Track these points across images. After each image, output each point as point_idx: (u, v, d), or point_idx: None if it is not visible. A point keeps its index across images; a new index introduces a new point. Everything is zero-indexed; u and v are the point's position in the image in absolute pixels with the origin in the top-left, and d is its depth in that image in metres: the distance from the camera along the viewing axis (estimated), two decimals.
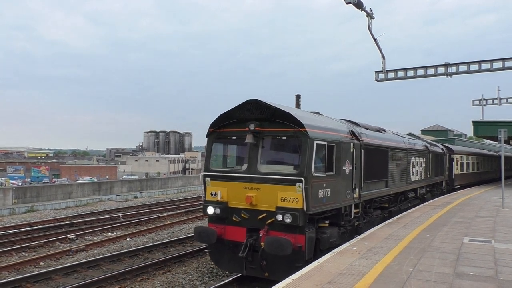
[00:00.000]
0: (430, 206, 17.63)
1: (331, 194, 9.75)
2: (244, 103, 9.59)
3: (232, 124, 9.88)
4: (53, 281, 10.55)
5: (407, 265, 7.70)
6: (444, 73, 22.84)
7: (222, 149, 10.39)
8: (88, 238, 16.25)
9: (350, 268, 7.50)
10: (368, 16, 18.97)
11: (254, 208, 9.40)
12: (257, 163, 9.45)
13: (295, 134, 9.09)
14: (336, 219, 10.46)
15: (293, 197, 8.92)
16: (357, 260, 8.08)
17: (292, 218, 8.75)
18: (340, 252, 8.83)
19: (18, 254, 13.43)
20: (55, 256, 13.02)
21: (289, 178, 8.94)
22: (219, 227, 9.83)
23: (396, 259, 8.09)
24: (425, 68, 23.42)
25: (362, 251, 8.83)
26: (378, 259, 8.09)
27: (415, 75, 23.45)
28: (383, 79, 23.66)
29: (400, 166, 15.63)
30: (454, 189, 26.88)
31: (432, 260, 8.11)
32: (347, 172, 10.65)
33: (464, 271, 7.41)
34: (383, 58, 22.28)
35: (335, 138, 10.07)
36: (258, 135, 9.45)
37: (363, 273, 7.11)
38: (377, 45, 20.72)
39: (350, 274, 7.10)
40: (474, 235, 11.03)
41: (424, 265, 7.75)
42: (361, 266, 7.57)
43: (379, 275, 6.99)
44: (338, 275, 7.00)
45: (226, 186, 9.78)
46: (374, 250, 8.96)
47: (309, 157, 8.94)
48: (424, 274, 7.12)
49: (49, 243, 15.01)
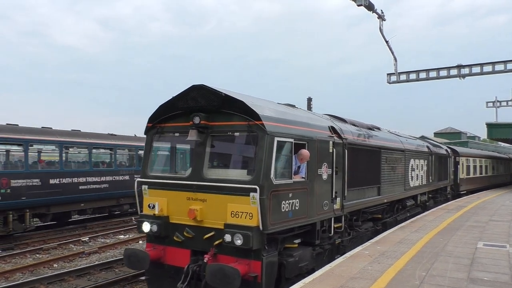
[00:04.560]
0: (444, 209, 17.34)
1: (300, 206, 7.61)
2: (187, 89, 7.48)
3: (175, 117, 7.77)
4: (67, 282, 10.53)
5: (420, 269, 7.56)
6: (457, 74, 22.13)
7: (164, 149, 8.27)
8: (101, 241, 16.05)
9: (362, 272, 7.37)
10: (380, 18, 18.54)
11: (199, 224, 7.28)
12: (203, 167, 7.33)
13: (249, 129, 6.97)
14: (309, 237, 8.31)
15: (246, 211, 6.80)
16: (369, 264, 7.93)
17: (243, 240, 6.62)
18: (352, 256, 8.61)
19: (33, 256, 13.48)
20: (68, 258, 13.03)
21: (240, 187, 6.81)
22: (158, 248, 7.72)
23: (409, 264, 7.95)
24: (438, 70, 22.72)
25: (375, 255, 8.66)
26: (391, 263, 7.94)
27: (427, 77, 22.83)
28: (395, 81, 23.00)
29: (396, 169, 13.44)
30: (459, 194, 24.63)
31: (446, 265, 7.92)
32: (325, 177, 8.50)
33: (479, 276, 7.25)
34: (395, 60, 21.72)
35: (306, 135, 7.94)
36: (204, 131, 7.34)
37: (376, 278, 7.00)
38: (389, 47, 20.21)
39: (362, 278, 6.99)
40: (488, 239, 10.69)
41: (438, 269, 7.60)
42: (374, 270, 7.45)
43: (391, 280, 6.89)
44: (350, 279, 6.90)
45: (166, 196, 7.66)
46: (386, 254, 8.77)
47: (268, 158, 6.81)
48: (438, 279, 6.99)
49: (63, 245, 14.97)
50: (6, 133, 14.86)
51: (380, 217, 12.63)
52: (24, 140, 15.16)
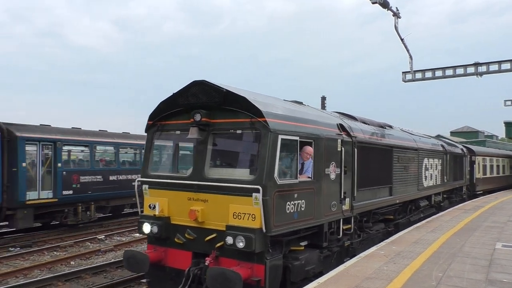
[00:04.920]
0: (460, 210, 17.03)
1: (306, 207, 7.27)
2: (188, 85, 7.20)
3: (176, 114, 7.50)
4: (83, 280, 10.58)
5: (436, 270, 7.42)
6: (474, 72, 21.46)
7: (165, 148, 8.00)
8: (117, 239, 16.16)
9: (377, 272, 7.27)
10: (395, 15, 17.96)
11: (201, 226, 7.00)
12: (204, 166, 7.04)
13: (252, 126, 6.65)
14: (316, 240, 7.97)
15: (248, 213, 6.49)
16: (385, 264, 7.81)
17: (245, 242, 6.31)
18: (367, 256, 8.49)
19: (50, 253, 13.64)
20: (85, 255, 13.14)
21: (242, 187, 6.50)
22: (159, 250, 7.46)
23: (425, 264, 7.80)
24: (454, 68, 22.07)
25: (390, 255, 8.53)
26: (407, 264, 7.82)
27: (443, 75, 22.21)
28: (411, 79, 22.49)
29: (409, 169, 13.00)
30: (475, 195, 23.96)
31: (463, 266, 7.78)
32: (333, 177, 8.15)
33: (497, 278, 7.08)
34: (410, 59, 21.21)
35: (313, 132, 7.59)
36: (206, 129, 7.05)
37: (391, 278, 6.90)
38: (404, 45, 19.64)
39: (378, 278, 6.89)
40: (507, 240, 10.45)
41: (455, 270, 7.46)
42: (389, 271, 7.35)
43: (407, 280, 6.78)
44: (365, 279, 6.81)
45: (167, 196, 7.40)
46: (402, 254, 8.63)
47: (271, 157, 6.49)
48: (455, 280, 6.86)
49: (79, 243, 15.19)
50: (78, 136, 17.29)
51: (392, 218, 12.22)
52: (90, 142, 17.51)
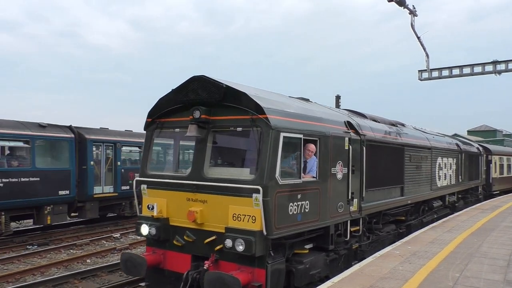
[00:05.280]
0: (478, 209, 16.73)
1: (311, 209, 6.93)
2: (187, 81, 6.92)
3: (176, 111, 7.22)
4: (99, 278, 10.61)
5: (453, 270, 7.31)
6: (492, 71, 21.09)
7: (165, 146, 7.73)
8: (131, 237, 16.18)
9: (393, 272, 7.18)
10: (411, 13, 17.78)
11: (200, 228, 6.71)
12: (203, 165, 6.74)
13: (253, 123, 6.33)
14: (322, 242, 7.63)
15: (249, 214, 6.17)
16: (400, 264, 7.70)
17: (245, 246, 6.00)
18: (382, 256, 8.38)
19: (67, 251, 13.83)
20: (100, 254, 13.22)
21: (242, 187, 6.19)
22: (158, 252, 7.19)
23: (441, 264, 7.69)
24: (472, 66, 21.67)
25: (406, 255, 8.43)
26: (423, 264, 7.71)
27: (461, 74, 21.82)
28: (427, 78, 22.13)
29: (422, 168, 12.55)
30: (492, 195, 23.29)
31: (480, 266, 7.63)
32: (339, 177, 7.79)
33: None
34: (427, 57, 20.98)
35: (318, 130, 7.24)
36: (205, 126, 6.76)
37: (407, 278, 6.80)
38: (421, 44, 19.50)
39: (393, 278, 6.80)
40: None
41: (472, 271, 7.32)
42: (405, 271, 7.26)
43: (423, 280, 6.67)
44: (380, 279, 6.73)
45: (166, 196, 7.12)
46: (418, 254, 8.52)
47: (272, 156, 6.16)
48: (472, 281, 6.74)
49: (95, 241, 15.32)
50: (132, 138, 18.85)
51: (404, 219, 11.79)
52: (141, 143, 18.50)
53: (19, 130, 14.27)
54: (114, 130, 18.65)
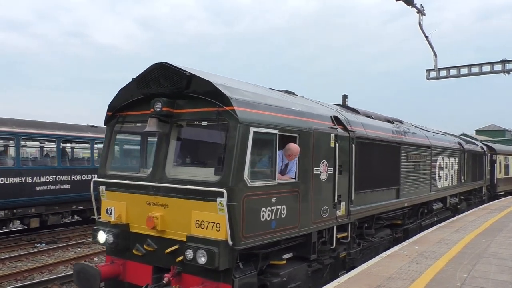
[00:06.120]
0: (486, 209, 16.58)
1: (288, 214, 6.10)
2: (148, 69, 6.11)
3: (138, 103, 6.40)
4: None
5: (461, 271, 7.25)
6: (501, 70, 20.69)
7: (128, 143, 6.92)
8: None
9: (400, 272, 7.12)
10: (419, 12, 17.62)
11: (161, 235, 5.91)
12: (165, 164, 5.93)
13: (219, 116, 5.51)
14: (303, 251, 6.80)
15: (213, 221, 5.37)
16: (407, 264, 7.64)
17: (207, 257, 5.19)
18: (389, 256, 8.32)
19: (74, 250, 13.76)
20: None
21: (204, 190, 5.38)
22: (117, 263, 6.39)
23: (449, 264, 7.64)
24: (480, 66, 21.31)
25: (413, 255, 8.35)
26: (430, 264, 7.65)
27: (469, 73, 21.45)
28: (435, 77, 21.79)
29: (420, 168, 11.68)
30: (496, 196, 22.36)
31: (489, 267, 7.55)
32: (323, 177, 6.95)
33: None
34: (435, 56, 20.69)
35: (297, 125, 6.41)
36: (168, 120, 5.95)
37: (414, 278, 6.75)
38: (429, 43, 19.28)
39: (400, 278, 6.76)
40: None
41: (480, 271, 7.25)
42: (412, 271, 7.19)
43: (431, 280, 6.63)
44: (387, 279, 6.68)
45: (126, 200, 6.32)
46: (425, 254, 8.44)
47: (240, 154, 5.34)
48: (480, 281, 6.68)
49: None
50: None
51: (400, 223, 10.94)
52: None
53: None
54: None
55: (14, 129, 13.79)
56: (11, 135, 13.80)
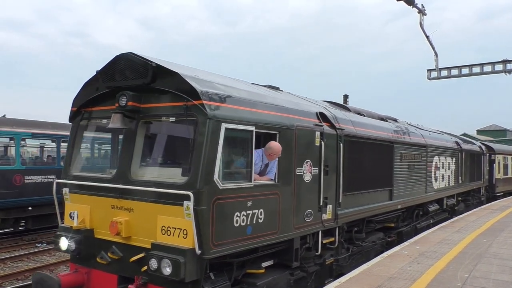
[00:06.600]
0: (487, 209, 16.50)
1: (266, 219, 5.58)
2: (112, 60, 5.59)
3: (104, 98, 5.88)
4: None
5: (462, 271, 7.22)
6: (502, 70, 20.45)
7: (94, 141, 6.40)
8: None
9: (401, 272, 7.08)
10: (420, 12, 17.52)
11: (127, 242, 5.39)
12: (131, 164, 5.41)
13: (187, 111, 4.99)
14: (284, 258, 6.29)
15: (179, 227, 4.86)
16: (408, 264, 7.60)
17: (172, 268, 4.67)
18: (390, 256, 8.27)
19: None
20: None
21: (169, 192, 4.86)
22: (81, 271, 5.87)
23: (450, 265, 7.62)
24: (482, 66, 21.09)
25: (414, 255, 8.32)
26: (431, 264, 7.61)
27: (470, 73, 21.20)
28: (436, 77, 21.57)
29: (415, 168, 11.17)
30: (495, 197, 21.86)
31: (490, 267, 7.54)
32: (307, 179, 6.44)
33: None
34: (436, 56, 20.51)
35: (277, 121, 5.89)
36: (134, 116, 5.44)
37: (415, 278, 6.73)
38: (430, 43, 19.11)
39: (401, 278, 6.73)
40: None
41: (481, 271, 7.22)
42: (413, 271, 7.17)
43: (432, 281, 6.61)
44: (388, 279, 6.65)
45: (90, 203, 5.80)
46: (426, 254, 8.39)
47: (209, 152, 4.82)
48: (481, 281, 6.66)
49: None
50: None
51: (393, 226, 10.43)
52: None
53: None
54: None
55: (55, 132, 15.34)
56: (53, 137, 15.40)
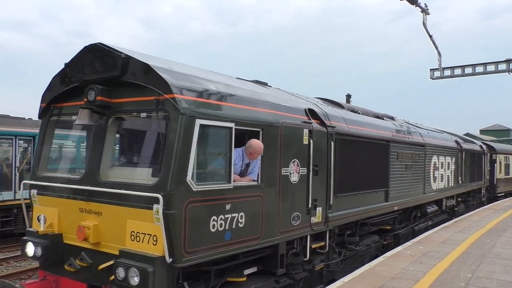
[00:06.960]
0: (490, 210, 16.49)
1: (248, 223, 5.17)
2: (80, 52, 5.18)
3: (74, 93, 5.47)
4: None
5: (465, 271, 7.18)
6: (505, 69, 20.43)
7: (64, 139, 5.99)
8: None
9: (403, 272, 7.06)
10: (423, 12, 17.47)
11: (96, 248, 4.98)
12: (100, 164, 5.00)
13: (158, 106, 4.58)
14: (269, 265, 5.87)
15: (149, 233, 4.44)
16: (411, 264, 7.58)
17: (140, 277, 4.26)
18: (393, 256, 8.25)
19: None
20: None
21: (137, 195, 4.45)
22: (50, 279, 5.46)
23: (453, 265, 7.58)
24: (485, 65, 21.08)
25: (417, 255, 8.28)
26: (434, 264, 7.59)
27: (473, 72, 21.18)
28: (439, 77, 21.57)
29: (413, 168, 10.73)
30: (496, 197, 21.42)
31: (493, 267, 7.51)
32: (294, 179, 6.02)
33: None
34: (439, 56, 20.50)
35: (260, 118, 5.48)
36: (104, 112, 5.02)
37: (418, 278, 6.68)
38: (433, 42, 19.08)
39: (404, 278, 6.69)
40: None
41: (484, 271, 7.19)
42: (416, 271, 7.14)
43: (435, 281, 6.55)
44: (391, 279, 6.60)
45: (58, 205, 5.39)
46: (429, 254, 8.37)
47: (182, 151, 4.41)
48: (484, 281, 6.59)
49: None
50: None
51: (390, 229, 10.00)
52: None
53: None
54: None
55: None
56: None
